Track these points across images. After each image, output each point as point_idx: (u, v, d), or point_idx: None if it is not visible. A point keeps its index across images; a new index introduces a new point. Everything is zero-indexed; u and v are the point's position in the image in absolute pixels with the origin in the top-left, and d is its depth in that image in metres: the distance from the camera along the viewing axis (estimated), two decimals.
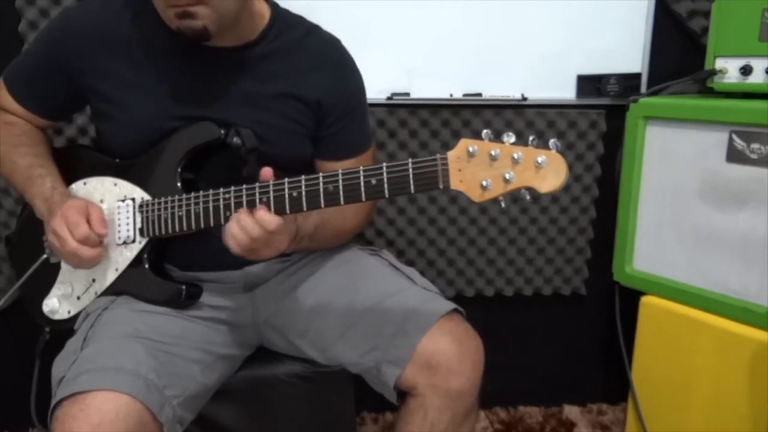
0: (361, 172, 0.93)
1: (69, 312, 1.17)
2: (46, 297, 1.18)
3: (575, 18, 1.57)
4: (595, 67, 1.61)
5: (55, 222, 1.05)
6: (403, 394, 1.10)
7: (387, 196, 0.92)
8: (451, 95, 1.59)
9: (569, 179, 1.64)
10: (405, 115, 1.60)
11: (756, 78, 1.33)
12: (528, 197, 0.86)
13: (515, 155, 0.84)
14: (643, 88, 1.62)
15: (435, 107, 1.60)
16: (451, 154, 0.88)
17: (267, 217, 0.95)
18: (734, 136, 1.29)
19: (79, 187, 1.17)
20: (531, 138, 0.85)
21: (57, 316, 1.18)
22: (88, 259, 1.07)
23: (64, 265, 1.18)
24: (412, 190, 0.90)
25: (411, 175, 0.90)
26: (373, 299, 1.12)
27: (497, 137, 0.86)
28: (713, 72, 1.38)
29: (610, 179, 1.63)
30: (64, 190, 1.13)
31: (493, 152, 0.85)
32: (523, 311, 1.79)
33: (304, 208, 0.96)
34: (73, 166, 1.19)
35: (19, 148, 1.16)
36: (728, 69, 1.37)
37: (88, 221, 1.06)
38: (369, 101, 1.25)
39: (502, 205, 0.87)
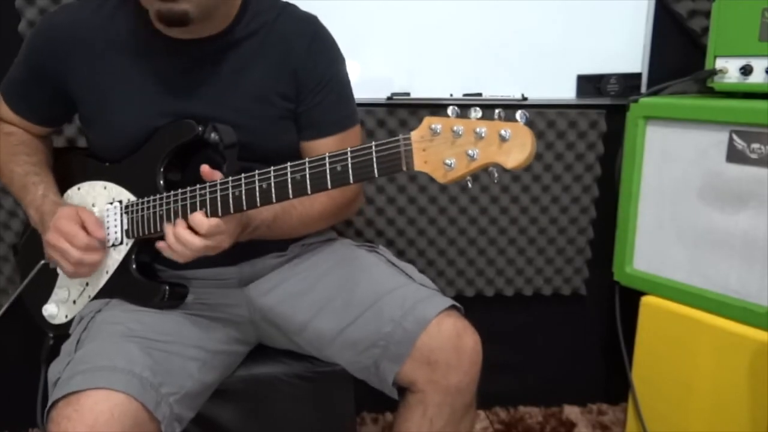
0: (327, 159, 0.90)
1: (66, 316, 1.17)
2: (46, 303, 1.19)
3: (575, 18, 1.57)
4: (595, 67, 1.61)
5: (50, 236, 1.06)
6: (402, 390, 1.10)
7: (352, 181, 0.88)
8: (451, 95, 1.58)
9: (569, 179, 1.68)
10: (405, 115, 1.59)
11: (756, 78, 1.33)
12: (496, 175, 0.80)
13: (478, 130, 0.78)
14: (643, 88, 1.62)
15: (435, 107, 1.60)
16: (415, 134, 0.83)
17: (205, 221, 0.97)
18: (734, 136, 1.29)
19: (73, 192, 1.17)
20: (497, 111, 0.79)
21: (56, 321, 1.19)
22: (93, 265, 1.08)
23: (61, 271, 1.17)
24: (376, 174, 0.86)
25: (374, 159, 0.85)
26: (371, 297, 1.12)
27: (464, 113, 0.82)
28: (713, 72, 1.38)
29: (610, 179, 1.63)
30: (56, 198, 1.13)
31: (455, 128, 0.80)
32: (523, 311, 1.79)
33: (273, 200, 0.95)
34: (68, 171, 1.19)
35: (16, 156, 1.17)
36: (728, 69, 1.37)
37: (84, 228, 1.06)
38: (369, 101, 1.25)
39: (469, 185, 0.83)
